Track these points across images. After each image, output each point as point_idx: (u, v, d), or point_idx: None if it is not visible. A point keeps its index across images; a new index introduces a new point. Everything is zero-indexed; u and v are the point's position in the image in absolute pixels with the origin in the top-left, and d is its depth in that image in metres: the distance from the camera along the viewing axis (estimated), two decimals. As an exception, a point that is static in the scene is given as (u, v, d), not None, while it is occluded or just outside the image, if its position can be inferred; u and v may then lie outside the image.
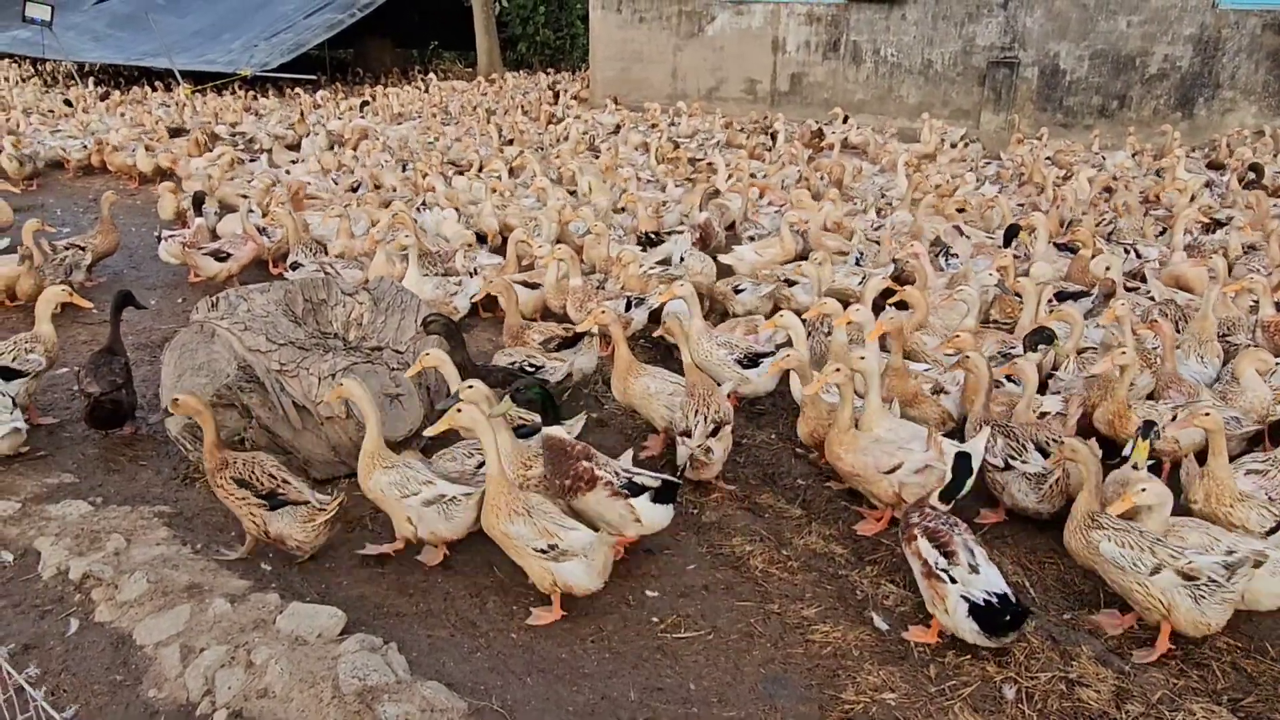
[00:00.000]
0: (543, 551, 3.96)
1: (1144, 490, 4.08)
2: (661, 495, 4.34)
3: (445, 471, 4.60)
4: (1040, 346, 5.75)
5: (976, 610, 3.75)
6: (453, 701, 3.41)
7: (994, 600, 3.74)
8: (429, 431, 4.37)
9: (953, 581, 3.81)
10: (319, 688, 3.41)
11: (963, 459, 4.25)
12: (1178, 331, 6.42)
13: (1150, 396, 5.79)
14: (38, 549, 4.36)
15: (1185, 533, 4.11)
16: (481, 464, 4.73)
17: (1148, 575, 3.81)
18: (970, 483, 4.26)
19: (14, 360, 5.72)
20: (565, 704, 3.63)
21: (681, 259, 8.21)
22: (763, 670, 3.88)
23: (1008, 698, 3.70)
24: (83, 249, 8.42)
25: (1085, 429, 5.44)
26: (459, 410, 4.17)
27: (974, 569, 3.84)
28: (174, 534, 4.55)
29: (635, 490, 4.28)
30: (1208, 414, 4.47)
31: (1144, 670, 3.86)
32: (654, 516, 4.33)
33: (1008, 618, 3.73)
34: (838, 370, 4.85)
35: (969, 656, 3.92)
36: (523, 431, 4.97)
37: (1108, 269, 7.25)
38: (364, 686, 3.41)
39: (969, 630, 3.79)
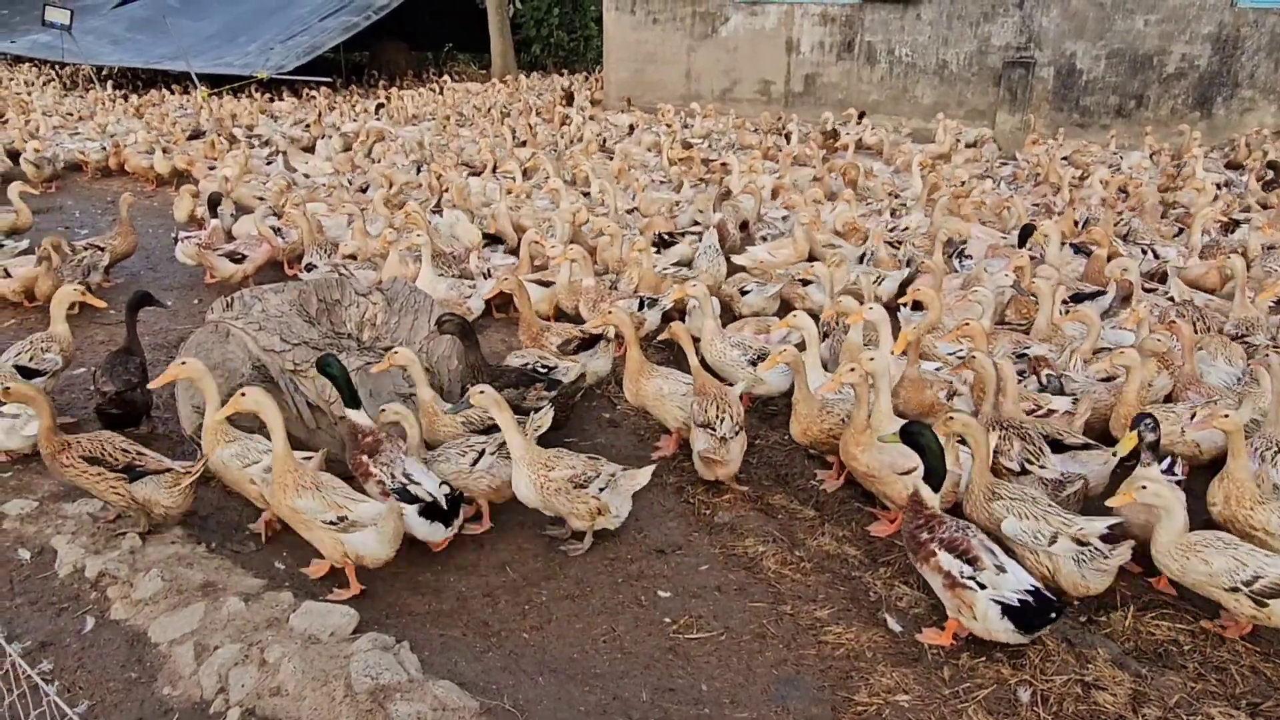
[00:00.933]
0: (332, 524, 4.11)
1: (1144, 487, 4.00)
2: (431, 512, 4.41)
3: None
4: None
5: (1011, 611, 3.72)
6: (465, 701, 3.41)
7: (1028, 598, 3.71)
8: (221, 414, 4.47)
9: (981, 587, 3.77)
10: (331, 686, 3.42)
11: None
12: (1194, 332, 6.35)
13: (1168, 398, 5.74)
14: (54, 547, 4.40)
15: (1210, 555, 3.90)
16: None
17: (1046, 544, 4.04)
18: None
19: (31, 360, 5.77)
20: (577, 704, 3.62)
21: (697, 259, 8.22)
22: (775, 672, 3.86)
23: (1023, 700, 3.67)
24: (101, 249, 8.49)
25: (1102, 433, 5.40)
26: (242, 395, 4.31)
27: (1000, 569, 3.80)
28: (188, 532, 4.58)
29: (408, 498, 4.38)
30: (1227, 416, 4.42)
31: (1161, 674, 3.82)
32: (416, 528, 4.40)
33: (1051, 615, 3.70)
34: (852, 370, 4.83)
35: (983, 659, 3.89)
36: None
37: (1124, 270, 7.19)
38: (376, 685, 3.41)
39: (1004, 631, 3.75)
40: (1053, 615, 3.72)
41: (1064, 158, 13.88)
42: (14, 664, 2.02)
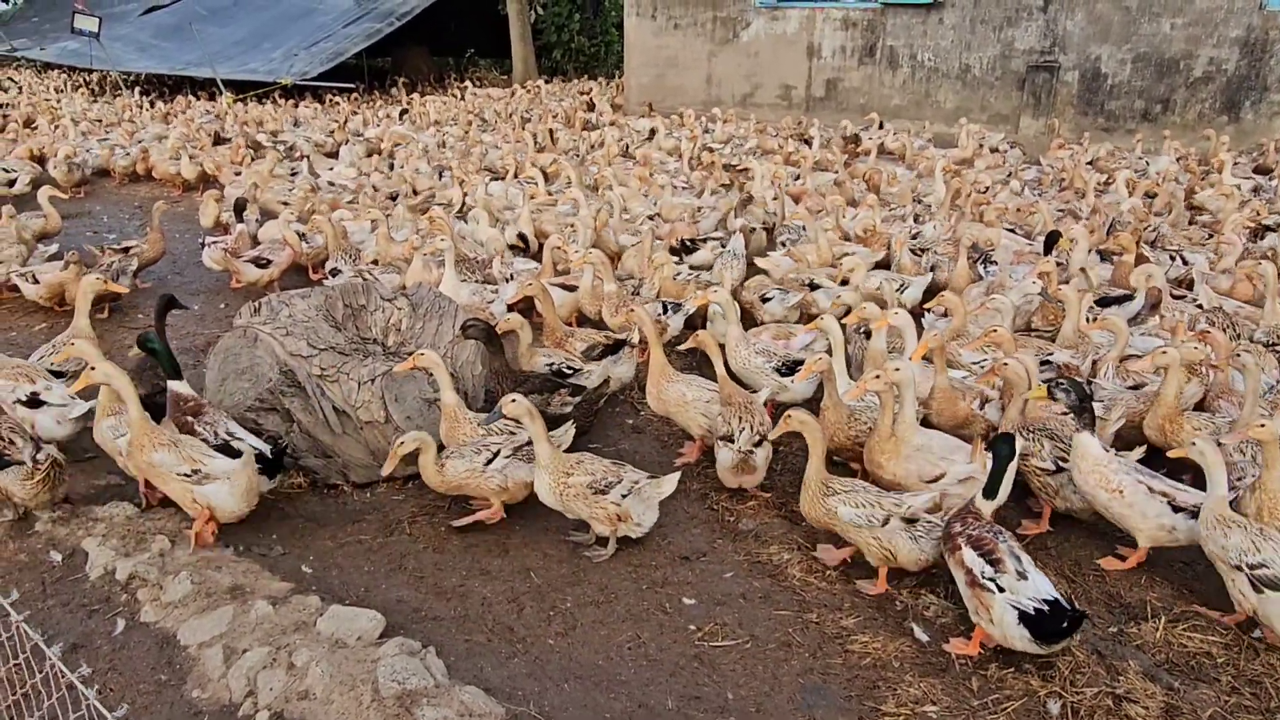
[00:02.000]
0: (186, 475, 4.42)
1: (1194, 444, 4.15)
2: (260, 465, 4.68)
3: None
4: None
5: (1027, 618, 3.68)
6: (491, 706, 3.41)
7: (1045, 608, 3.67)
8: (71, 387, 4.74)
9: (1000, 590, 3.74)
10: (359, 690, 3.43)
11: (1000, 447, 4.12)
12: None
13: (1199, 406, 5.67)
14: (85, 549, 4.45)
15: (1234, 531, 4.00)
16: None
17: (880, 527, 4.25)
18: (1008, 482, 4.16)
19: (56, 361, 5.84)
20: (603, 711, 3.62)
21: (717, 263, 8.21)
22: (801, 680, 3.84)
23: (1052, 713, 3.63)
24: (129, 253, 8.59)
25: (1134, 441, 5.34)
26: (92, 369, 4.56)
27: (1022, 575, 3.77)
28: (216, 536, 4.61)
29: (230, 453, 4.65)
30: (1263, 425, 4.36)
31: (1194, 687, 3.77)
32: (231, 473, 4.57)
33: (1064, 624, 3.65)
34: (877, 377, 4.80)
35: (1012, 670, 3.85)
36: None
37: (1149, 277, 7.11)
38: (403, 690, 3.43)
39: (1019, 638, 3.71)
40: (1067, 627, 3.66)
41: (1089, 162, 13.76)
42: (53, 667, 2.04)
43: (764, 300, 7.64)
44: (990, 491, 4.06)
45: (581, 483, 4.48)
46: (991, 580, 3.76)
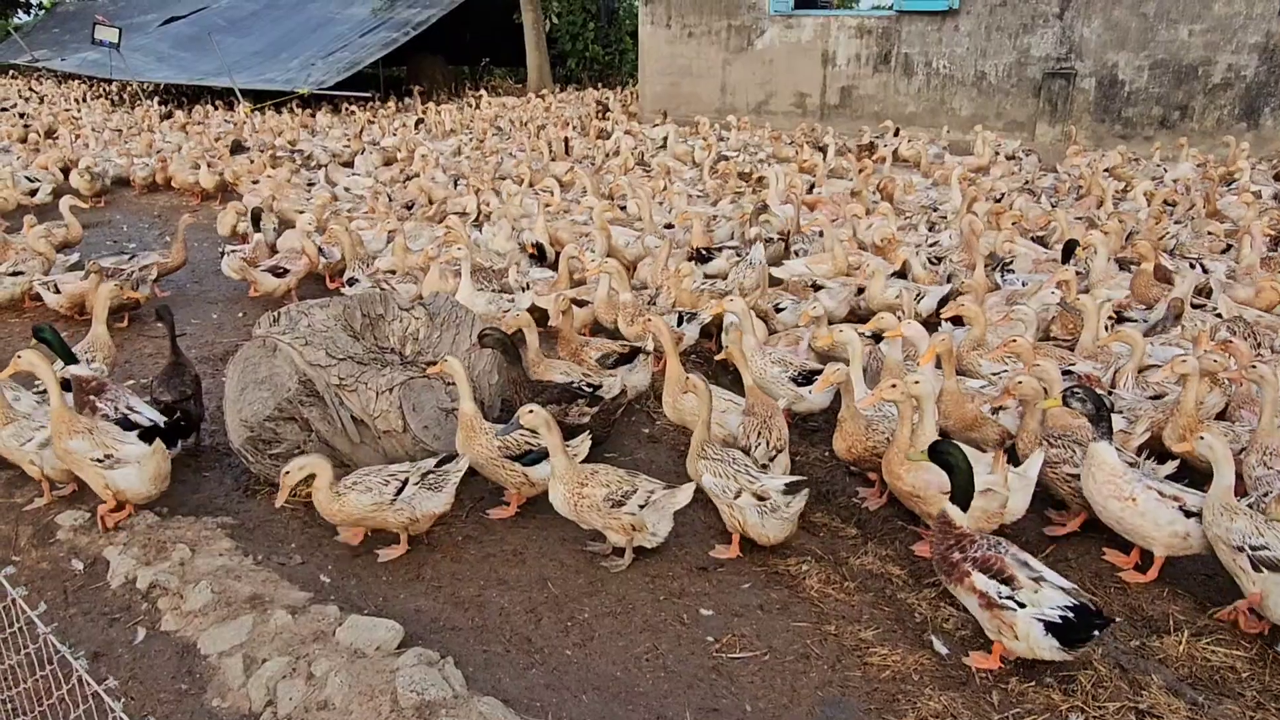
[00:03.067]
0: (99, 460, 4.61)
1: (1203, 438, 4.23)
2: (152, 435, 4.86)
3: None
4: None
5: (1054, 628, 3.65)
6: (509, 718, 3.41)
7: (1070, 614, 3.64)
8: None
9: (1021, 606, 3.70)
10: (378, 701, 3.44)
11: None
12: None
13: (1221, 416, 5.62)
14: (106, 558, 4.48)
15: (1239, 517, 4.09)
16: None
17: (733, 498, 4.56)
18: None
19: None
20: (621, 723, 3.61)
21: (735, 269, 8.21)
22: (820, 693, 3.82)
23: (1075, 727, 3.60)
24: (149, 266, 8.67)
25: (1156, 451, 5.30)
26: (18, 357, 4.80)
27: (1038, 580, 3.74)
28: (236, 545, 4.63)
29: (128, 426, 4.98)
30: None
31: (1219, 702, 3.73)
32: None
33: (1096, 626, 3.65)
34: (893, 387, 4.78)
35: (1033, 684, 3.82)
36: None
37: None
38: (422, 701, 3.43)
39: (1048, 649, 3.68)
40: (1097, 628, 3.64)
41: (1106, 169, 13.69)
42: (80, 678, 2.06)
43: (778, 309, 7.63)
44: (961, 500, 4.01)
45: (598, 495, 4.48)
46: (1010, 599, 3.72)
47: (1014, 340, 5.77)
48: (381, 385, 5.32)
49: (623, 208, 11.06)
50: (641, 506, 4.51)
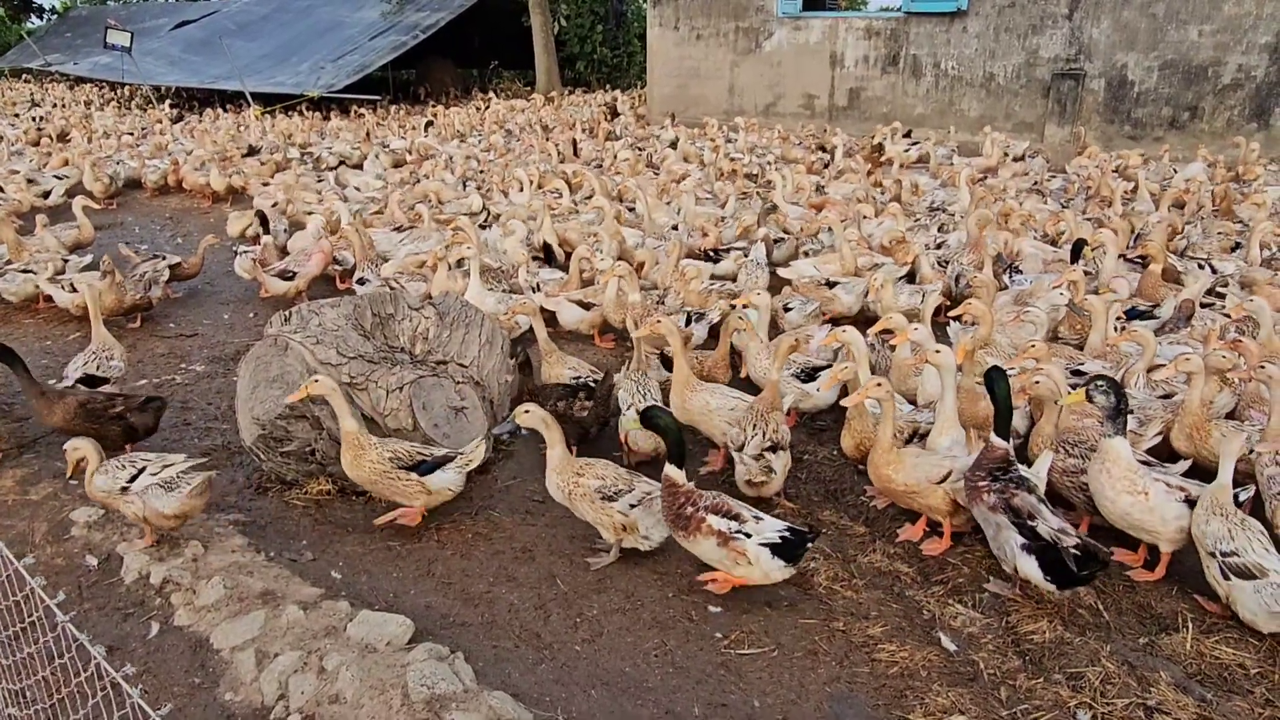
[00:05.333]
0: None
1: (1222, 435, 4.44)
2: None
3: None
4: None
5: (776, 548, 4.11)
6: (519, 712, 3.43)
7: (787, 534, 4.13)
8: None
9: (749, 536, 4.12)
10: (389, 695, 3.47)
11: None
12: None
13: (1231, 415, 5.61)
14: (120, 554, 4.53)
15: (1214, 520, 4.16)
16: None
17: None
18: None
19: (98, 368, 5.96)
20: (630, 718, 3.63)
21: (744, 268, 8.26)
22: (828, 689, 3.84)
23: (1083, 724, 3.60)
24: (163, 258, 8.76)
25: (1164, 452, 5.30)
26: None
27: (758, 519, 4.20)
28: (248, 541, 4.68)
29: None
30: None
31: (1227, 699, 3.73)
32: None
33: (807, 543, 4.17)
34: (879, 385, 4.80)
35: (1041, 680, 3.82)
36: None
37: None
38: (432, 695, 3.46)
39: (776, 569, 4.14)
40: (809, 541, 4.19)
41: (1115, 169, 13.66)
42: (98, 667, 2.09)
43: (785, 309, 7.65)
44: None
45: (591, 486, 4.50)
46: (739, 532, 4.14)
47: (1033, 345, 5.75)
48: (392, 384, 5.35)
49: (630, 209, 11.09)
50: (633, 506, 4.50)
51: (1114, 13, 17.00)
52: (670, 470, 4.28)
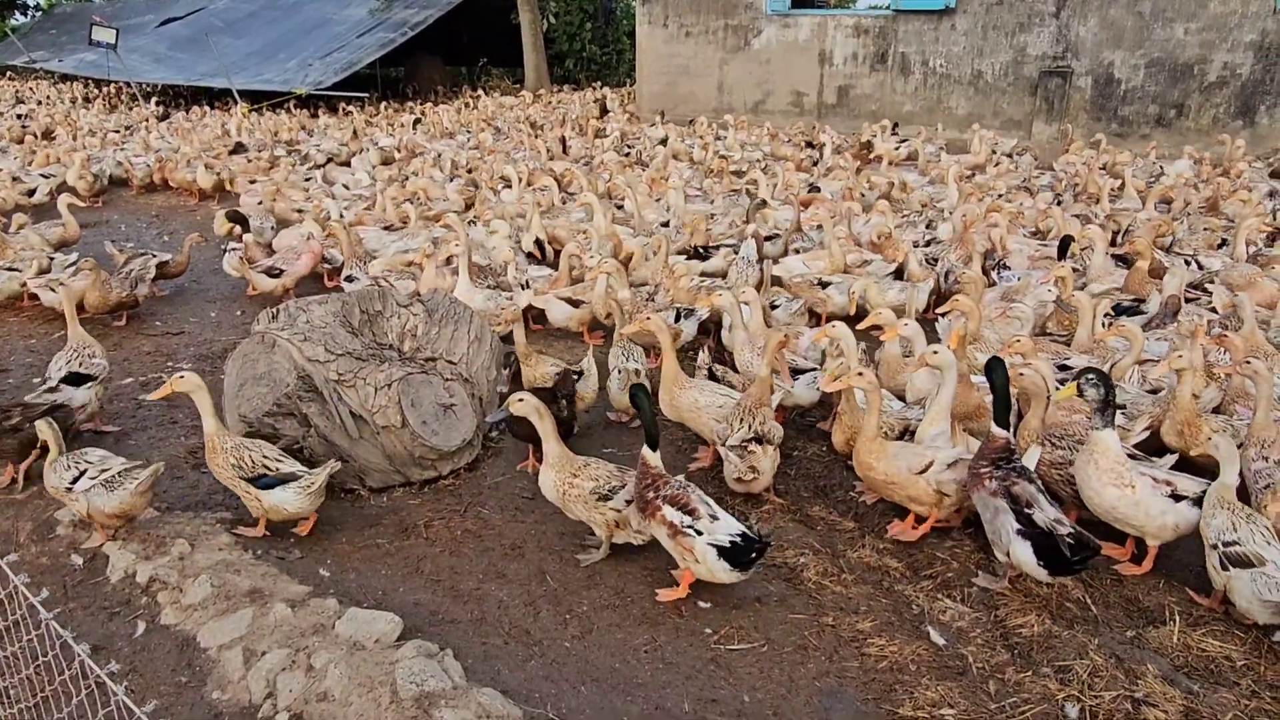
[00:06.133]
0: None
1: (1210, 438, 4.37)
2: None
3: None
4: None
5: (725, 552, 4.05)
6: (508, 709, 3.42)
7: (738, 539, 4.06)
8: None
9: (699, 534, 4.08)
10: (377, 692, 3.45)
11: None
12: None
13: (1217, 410, 5.64)
14: (106, 553, 4.50)
15: (1220, 513, 4.17)
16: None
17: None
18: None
19: (80, 365, 5.90)
20: (620, 714, 3.63)
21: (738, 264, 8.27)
22: (818, 684, 3.84)
23: (1070, 716, 3.61)
24: (148, 256, 8.69)
25: (1156, 446, 5.33)
26: None
27: (714, 518, 4.13)
28: (235, 540, 4.65)
29: None
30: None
31: (1214, 690, 3.75)
32: None
33: (755, 552, 4.08)
34: (860, 375, 4.82)
35: (1029, 674, 3.84)
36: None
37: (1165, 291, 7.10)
38: (421, 692, 3.44)
39: (722, 570, 4.09)
40: (758, 551, 4.09)
41: (1102, 167, 13.72)
42: (82, 664, 2.07)
43: (773, 307, 7.65)
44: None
45: (586, 488, 4.49)
46: (690, 528, 4.10)
47: (1018, 340, 5.77)
48: (380, 381, 5.33)
49: (619, 206, 11.08)
50: (628, 502, 4.50)
51: (1101, 11, 17.08)
52: (645, 452, 4.35)
